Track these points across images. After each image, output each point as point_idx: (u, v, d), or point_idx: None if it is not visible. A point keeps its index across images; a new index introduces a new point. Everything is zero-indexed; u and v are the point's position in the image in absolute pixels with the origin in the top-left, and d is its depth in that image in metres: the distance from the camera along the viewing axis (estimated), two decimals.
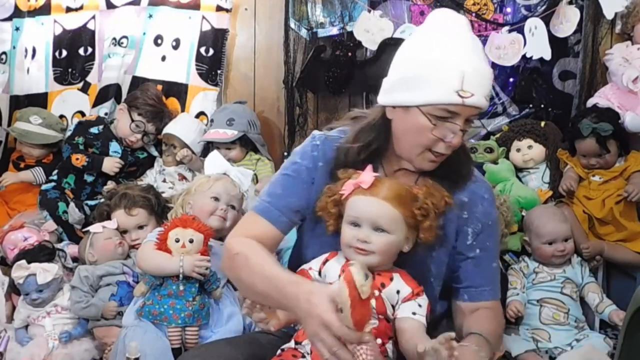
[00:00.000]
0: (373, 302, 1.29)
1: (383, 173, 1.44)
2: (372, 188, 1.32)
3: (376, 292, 1.30)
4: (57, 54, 2.91)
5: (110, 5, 2.89)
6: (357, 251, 1.31)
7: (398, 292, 1.33)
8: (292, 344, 1.33)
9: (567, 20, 2.67)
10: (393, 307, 1.33)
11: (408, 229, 1.33)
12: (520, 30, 2.70)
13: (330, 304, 1.10)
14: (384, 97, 1.41)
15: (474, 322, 1.43)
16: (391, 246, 1.33)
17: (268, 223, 1.42)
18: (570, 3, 2.68)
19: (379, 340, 1.27)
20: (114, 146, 2.78)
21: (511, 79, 2.84)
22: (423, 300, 1.34)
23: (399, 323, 1.31)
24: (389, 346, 1.30)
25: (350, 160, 1.42)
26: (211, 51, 2.90)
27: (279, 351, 1.34)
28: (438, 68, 1.30)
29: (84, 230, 2.50)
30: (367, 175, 1.33)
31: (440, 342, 1.14)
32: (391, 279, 1.33)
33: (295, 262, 1.52)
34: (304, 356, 1.29)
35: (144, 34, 2.92)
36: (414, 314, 1.31)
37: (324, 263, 1.37)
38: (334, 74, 2.76)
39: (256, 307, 1.26)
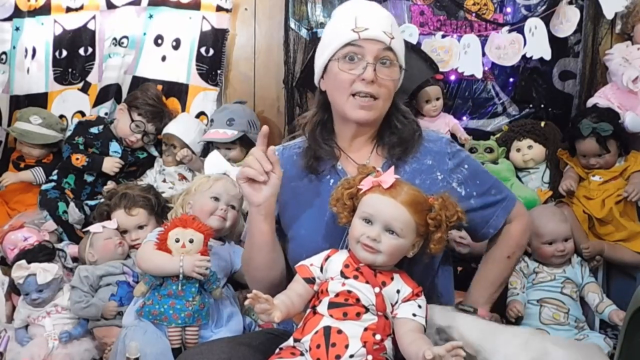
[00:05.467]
0: (373, 299, 1.30)
1: (339, 151, 1.54)
2: (391, 189, 1.33)
3: (377, 290, 1.31)
4: (57, 54, 2.92)
5: (110, 6, 2.89)
6: (365, 248, 1.32)
7: (398, 291, 1.33)
8: (290, 341, 1.33)
9: (567, 20, 2.67)
10: (392, 305, 1.33)
11: (417, 236, 1.35)
12: (520, 30, 2.70)
13: None
14: (315, 77, 1.55)
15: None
16: (399, 249, 1.34)
17: None
18: (570, 3, 2.68)
19: (378, 336, 1.28)
20: (114, 146, 2.78)
21: (511, 79, 2.84)
22: (422, 301, 1.35)
23: (399, 323, 1.32)
24: (388, 343, 1.30)
25: (312, 143, 1.54)
26: (211, 51, 2.90)
27: (277, 349, 1.34)
28: (336, 22, 1.52)
29: (84, 230, 2.50)
30: (388, 176, 1.35)
31: (447, 350, 1.16)
32: (392, 279, 1.34)
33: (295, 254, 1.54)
34: (302, 354, 1.29)
35: (144, 34, 2.92)
36: (414, 315, 1.31)
37: (326, 259, 1.38)
38: None
39: (260, 298, 1.27)
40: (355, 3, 1.54)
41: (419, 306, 1.33)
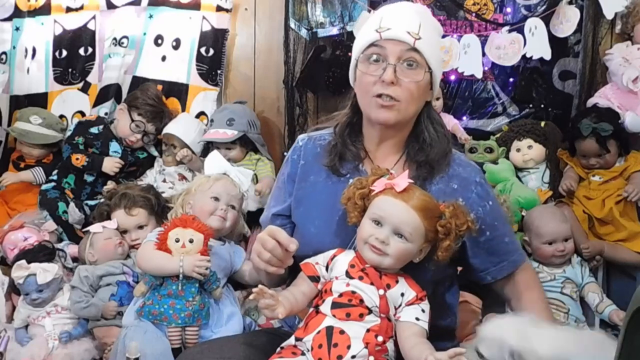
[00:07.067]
0: (377, 300, 1.30)
1: (365, 153, 1.52)
2: (403, 193, 1.33)
3: (381, 292, 1.31)
4: (57, 54, 2.91)
5: (110, 6, 2.89)
6: (373, 249, 1.32)
7: (402, 294, 1.33)
8: (292, 340, 1.33)
9: (567, 20, 2.67)
10: (396, 308, 1.33)
11: (425, 242, 1.34)
12: (520, 30, 2.70)
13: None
14: (350, 79, 1.53)
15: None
16: (406, 254, 1.33)
17: None
18: (570, 3, 2.68)
19: (380, 338, 1.28)
20: (114, 146, 2.78)
21: (511, 79, 2.84)
22: (426, 305, 1.35)
23: (402, 326, 1.32)
24: (390, 345, 1.30)
25: (339, 142, 1.51)
26: (211, 51, 2.90)
27: (278, 349, 1.34)
28: (366, 23, 1.47)
29: (84, 230, 2.50)
30: (402, 180, 1.34)
31: (449, 356, 1.16)
32: (397, 282, 1.34)
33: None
34: (303, 353, 1.29)
35: (145, 34, 2.92)
36: (417, 319, 1.31)
37: (332, 259, 1.38)
38: (334, 74, 2.75)
39: (265, 293, 1.27)
40: (388, 4, 1.51)
41: (423, 310, 1.33)
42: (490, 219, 1.49)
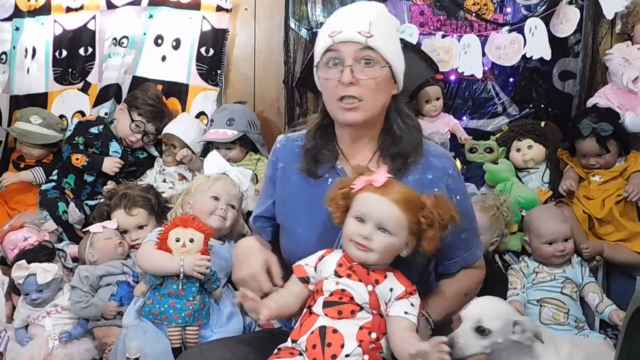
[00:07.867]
0: (367, 297, 1.30)
1: (341, 154, 1.53)
2: (383, 188, 1.34)
3: (370, 288, 1.31)
4: (57, 54, 2.91)
5: (110, 6, 2.89)
6: (358, 246, 1.33)
7: (391, 289, 1.34)
8: (289, 342, 1.33)
9: (567, 20, 2.67)
10: (386, 303, 1.33)
11: (410, 235, 1.35)
12: (520, 30, 2.71)
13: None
14: (317, 83, 1.55)
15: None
16: (391, 248, 1.34)
17: (256, 234, 1.67)
18: (570, 3, 2.68)
19: (373, 335, 1.28)
20: (114, 146, 2.78)
21: (511, 79, 2.84)
22: (415, 299, 1.35)
23: (391, 322, 1.32)
24: (383, 342, 1.31)
25: (312, 146, 1.53)
26: (211, 51, 2.90)
27: (276, 350, 1.34)
28: (320, 30, 1.52)
29: (84, 230, 2.50)
30: (380, 175, 1.35)
31: (432, 346, 1.16)
32: (385, 277, 1.35)
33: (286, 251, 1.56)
34: (301, 354, 1.29)
35: (145, 34, 2.92)
36: (406, 313, 1.32)
37: (320, 259, 1.38)
38: None
39: (246, 296, 1.28)
40: (341, 8, 1.55)
41: (412, 304, 1.33)
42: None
